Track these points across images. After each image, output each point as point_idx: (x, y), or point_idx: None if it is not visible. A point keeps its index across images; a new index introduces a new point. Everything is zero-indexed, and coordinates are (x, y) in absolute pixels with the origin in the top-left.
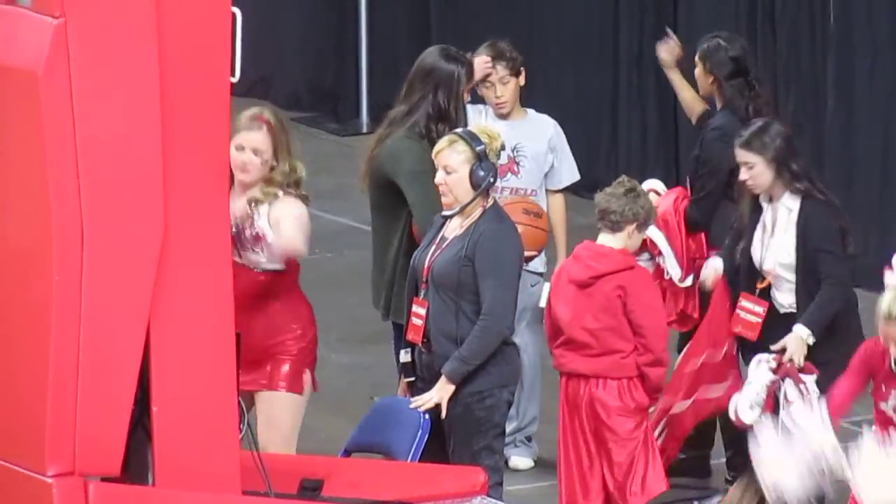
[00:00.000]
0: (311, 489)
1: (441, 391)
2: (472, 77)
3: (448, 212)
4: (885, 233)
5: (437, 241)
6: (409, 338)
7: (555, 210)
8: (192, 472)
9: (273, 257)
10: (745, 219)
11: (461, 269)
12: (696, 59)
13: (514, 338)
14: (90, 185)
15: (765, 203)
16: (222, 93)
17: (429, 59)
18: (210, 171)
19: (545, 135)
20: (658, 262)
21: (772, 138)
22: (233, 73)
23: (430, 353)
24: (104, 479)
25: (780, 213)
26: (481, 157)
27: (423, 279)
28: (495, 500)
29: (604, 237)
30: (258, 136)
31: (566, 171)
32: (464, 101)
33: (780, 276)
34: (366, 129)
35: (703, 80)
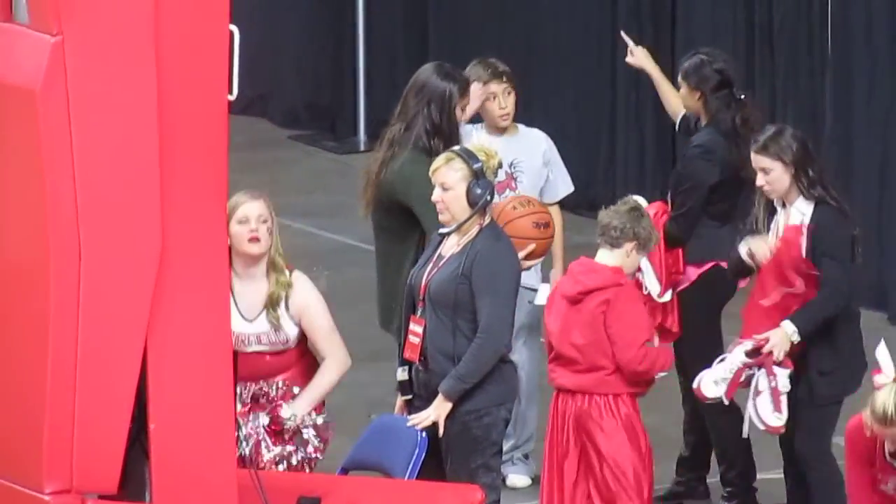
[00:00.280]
0: None
1: (438, 409)
2: (465, 94)
3: (445, 229)
4: (883, 249)
5: (434, 258)
6: (407, 356)
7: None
8: (189, 490)
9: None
10: (759, 222)
11: (458, 287)
12: (680, 79)
13: (511, 355)
14: (88, 202)
15: (779, 206)
16: (220, 110)
17: (423, 76)
18: (208, 187)
19: (539, 149)
20: (637, 278)
21: (788, 143)
22: (230, 91)
23: (427, 371)
24: (101, 497)
25: (793, 217)
26: (478, 175)
27: (420, 297)
28: None
29: (602, 253)
30: (260, 206)
31: (561, 183)
32: (456, 118)
33: None
34: (363, 147)
35: (688, 98)
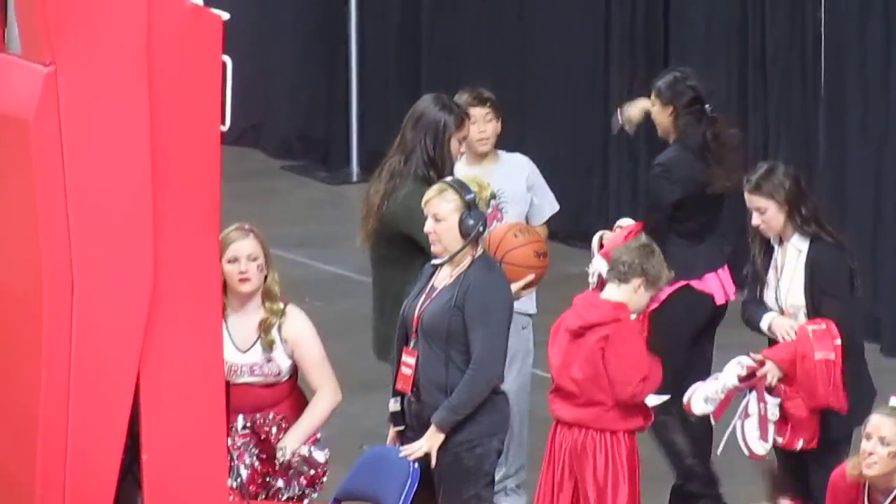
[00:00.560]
0: None
1: (431, 440)
2: (462, 125)
3: (437, 260)
4: (877, 280)
5: (427, 290)
6: (399, 387)
7: None
8: None
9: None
10: (758, 262)
11: (451, 318)
12: (653, 96)
13: (503, 385)
14: (80, 232)
15: (775, 244)
16: (213, 140)
17: (420, 107)
18: (200, 217)
19: (521, 175)
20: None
21: (781, 181)
22: (223, 121)
23: (420, 402)
24: None
25: (790, 254)
26: (471, 206)
27: (413, 329)
28: None
29: (609, 288)
30: (250, 243)
31: (547, 204)
32: (450, 149)
33: (794, 315)
34: (356, 178)
35: (661, 115)
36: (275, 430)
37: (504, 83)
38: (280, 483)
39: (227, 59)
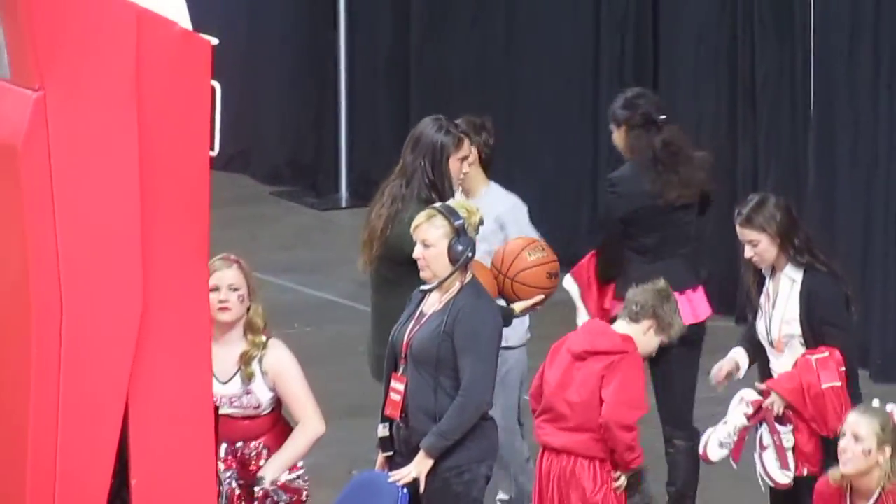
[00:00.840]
0: None
1: (419, 465)
2: (460, 146)
3: (426, 286)
4: (866, 306)
5: (416, 316)
6: (388, 413)
7: None
8: None
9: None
10: (753, 292)
11: (440, 344)
12: (611, 124)
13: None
14: (69, 258)
15: (767, 274)
16: (202, 166)
17: (418, 129)
18: (189, 243)
19: (492, 213)
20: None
21: (772, 213)
22: (212, 147)
23: (408, 428)
24: None
25: (783, 284)
26: (460, 232)
27: (403, 354)
28: None
29: (620, 324)
30: (233, 274)
31: None
32: (449, 171)
33: (787, 344)
34: (345, 204)
35: (618, 137)
36: (255, 457)
37: (493, 109)
38: None
39: (217, 85)
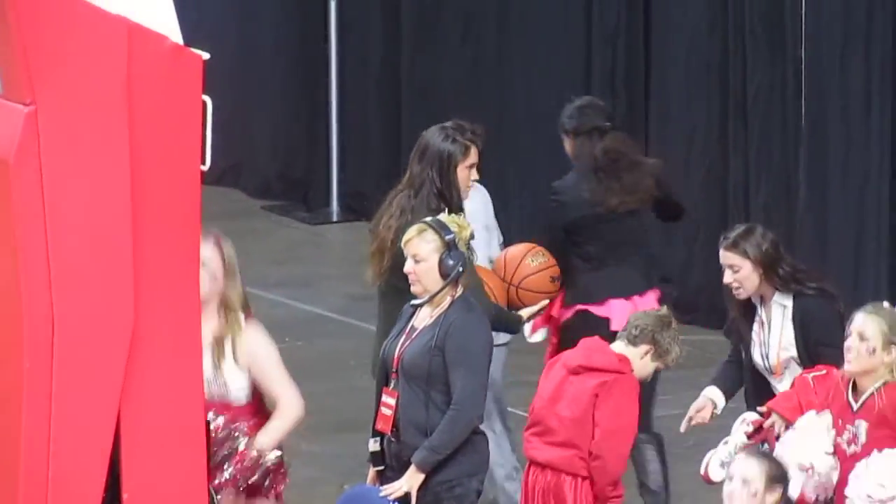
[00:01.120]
0: None
1: (411, 480)
2: (468, 154)
3: (417, 301)
4: None
5: (407, 330)
6: (379, 427)
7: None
8: None
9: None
10: (740, 325)
11: (432, 359)
12: (562, 134)
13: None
14: (61, 273)
15: (756, 302)
16: (193, 180)
17: (425, 139)
18: (180, 257)
19: (476, 220)
20: None
21: (758, 241)
22: (203, 161)
23: (399, 442)
24: None
25: (775, 311)
26: (451, 247)
27: (394, 369)
28: None
29: (618, 344)
30: (207, 249)
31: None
32: (457, 179)
33: (786, 366)
34: (336, 218)
35: (567, 145)
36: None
37: (485, 120)
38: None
39: (208, 99)
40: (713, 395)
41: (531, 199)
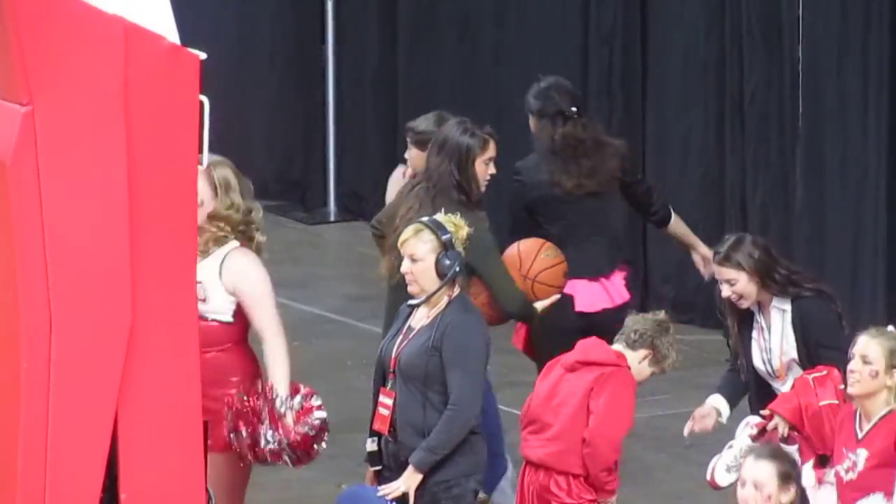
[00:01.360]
0: None
1: (408, 480)
2: (486, 148)
3: (414, 301)
4: (856, 325)
5: (404, 331)
6: (376, 427)
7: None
8: None
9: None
10: (736, 334)
11: (429, 359)
12: (527, 112)
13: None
14: (58, 273)
15: (754, 309)
16: (190, 180)
17: (443, 133)
18: (177, 257)
19: None
20: None
21: (749, 251)
22: (200, 161)
23: (397, 442)
24: None
25: (774, 315)
26: (447, 247)
27: (391, 369)
28: None
29: (616, 346)
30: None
31: None
32: (476, 173)
33: (789, 369)
34: (333, 218)
35: (533, 126)
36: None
37: (482, 122)
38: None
39: (205, 99)
40: (717, 403)
41: None
